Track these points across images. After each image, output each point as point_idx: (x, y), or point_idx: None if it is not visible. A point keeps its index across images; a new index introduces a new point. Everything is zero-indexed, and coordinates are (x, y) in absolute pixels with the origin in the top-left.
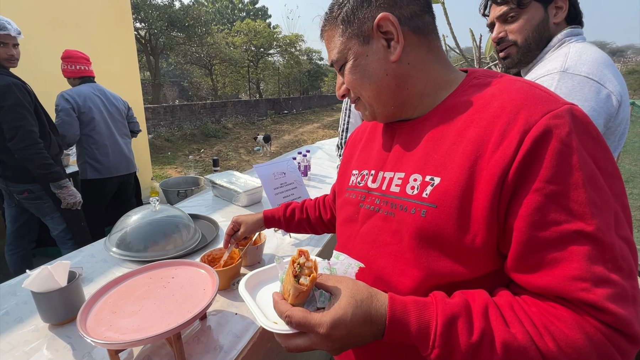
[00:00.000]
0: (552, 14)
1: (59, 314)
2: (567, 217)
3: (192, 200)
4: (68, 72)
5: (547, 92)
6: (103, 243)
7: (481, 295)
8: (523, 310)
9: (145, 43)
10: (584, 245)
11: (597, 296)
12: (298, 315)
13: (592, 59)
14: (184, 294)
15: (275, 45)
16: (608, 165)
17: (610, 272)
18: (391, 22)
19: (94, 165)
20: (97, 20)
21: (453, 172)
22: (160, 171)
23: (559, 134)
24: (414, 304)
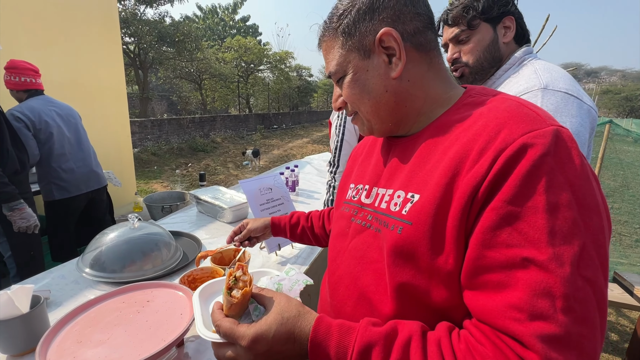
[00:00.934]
0: (501, 34)
1: (19, 344)
2: (520, 242)
3: (175, 216)
4: (11, 84)
5: (536, 112)
6: (75, 263)
7: (411, 326)
8: (450, 346)
9: (134, 57)
10: (531, 274)
11: (527, 331)
12: (225, 325)
13: (562, 75)
14: (159, 320)
15: (266, 61)
16: (587, 197)
17: (556, 311)
18: (394, 37)
19: (60, 184)
20: (84, 33)
21: (431, 190)
22: (146, 186)
23: (532, 154)
24: (338, 328)
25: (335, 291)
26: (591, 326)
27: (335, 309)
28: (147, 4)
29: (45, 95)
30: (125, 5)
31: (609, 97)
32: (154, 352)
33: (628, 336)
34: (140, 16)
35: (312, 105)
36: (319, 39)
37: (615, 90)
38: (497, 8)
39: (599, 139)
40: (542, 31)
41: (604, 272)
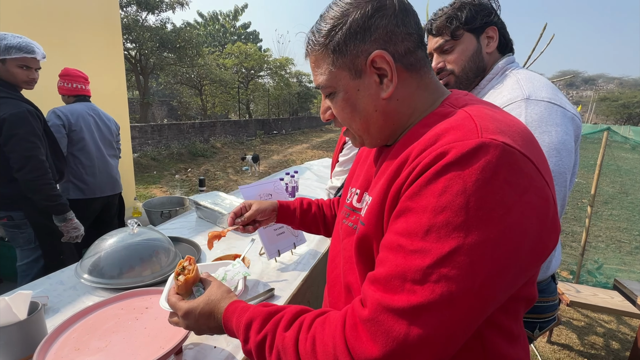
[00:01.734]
0: (485, 44)
1: (16, 352)
2: (402, 230)
3: (174, 221)
4: (64, 90)
5: (477, 124)
6: (74, 269)
7: (293, 308)
8: (311, 321)
9: (136, 63)
10: (397, 258)
11: (374, 296)
12: (171, 299)
13: (544, 84)
14: (158, 327)
15: (266, 67)
16: (482, 210)
17: (404, 291)
18: (386, 60)
19: (78, 185)
20: (86, 40)
21: (377, 192)
22: (145, 191)
23: (442, 162)
24: (240, 309)
25: (332, 289)
26: (433, 317)
27: (331, 305)
28: (149, 10)
29: (90, 102)
30: (127, 12)
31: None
32: (153, 359)
33: (629, 344)
34: (142, 22)
35: (311, 111)
36: (307, 50)
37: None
38: (480, 18)
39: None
40: (540, 40)
41: (477, 280)
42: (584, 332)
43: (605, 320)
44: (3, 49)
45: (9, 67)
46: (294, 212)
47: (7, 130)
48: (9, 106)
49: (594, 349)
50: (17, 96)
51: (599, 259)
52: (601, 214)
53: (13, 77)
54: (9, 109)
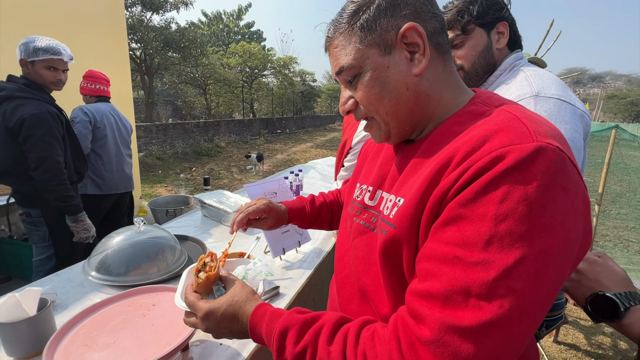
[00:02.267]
0: (495, 40)
1: (26, 347)
2: (458, 241)
3: (180, 220)
4: (87, 90)
5: (528, 127)
6: (81, 267)
7: (329, 316)
8: (356, 334)
9: (140, 63)
10: (456, 271)
11: (433, 313)
12: (190, 298)
13: (554, 82)
14: (165, 323)
15: (270, 66)
16: (544, 217)
17: (467, 307)
18: (419, 33)
19: (96, 180)
20: (91, 40)
21: (412, 194)
22: (150, 190)
23: (500, 166)
24: (270, 314)
25: (342, 289)
26: (502, 333)
27: (342, 306)
28: (154, 10)
29: (110, 104)
30: (132, 12)
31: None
32: (159, 355)
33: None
34: (146, 22)
35: (315, 110)
36: (328, 37)
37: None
38: (492, 13)
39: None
40: (547, 36)
41: (542, 290)
42: (591, 332)
43: None
44: (32, 51)
45: (37, 68)
46: (304, 216)
47: (25, 130)
48: (31, 107)
49: (601, 349)
50: (41, 97)
51: None
52: (609, 212)
53: (41, 78)
54: (30, 110)
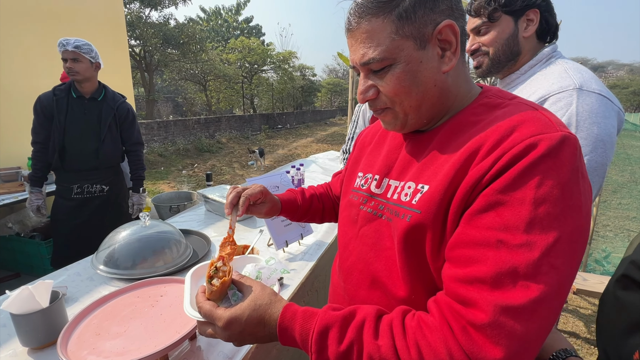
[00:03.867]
0: (522, 28)
1: (40, 337)
2: (499, 226)
3: (184, 215)
4: None
5: (549, 118)
6: (90, 261)
7: (368, 309)
8: (401, 324)
9: (140, 60)
10: (501, 254)
11: (485, 296)
12: (205, 307)
13: (592, 76)
14: (173, 313)
15: (269, 61)
16: (573, 198)
17: (516, 287)
18: (455, 32)
19: None
20: (91, 38)
21: (439, 180)
22: (153, 186)
23: (534, 153)
24: (302, 314)
25: (349, 276)
26: (547, 307)
27: (349, 293)
28: (152, 7)
29: None
30: (130, 8)
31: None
32: (169, 343)
33: None
34: (145, 19)
35: (316, 105)
36: (358, 17)
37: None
38: (522, 1)
39: None
40: None
41: (573, 264)
42: (591, 320)
43: None
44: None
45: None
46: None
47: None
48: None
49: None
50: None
51: (606, 247)
52: (610, 202)
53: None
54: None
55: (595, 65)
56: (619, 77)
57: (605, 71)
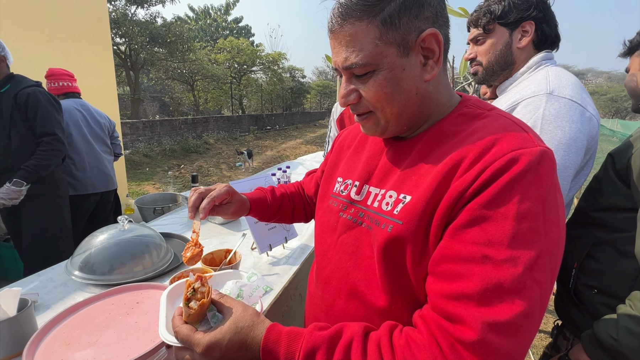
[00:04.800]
0: (517, 39)
1: (6, 348)
2: (484, 241)
3: (166, 217)
4: (52, 90)
5: (527, 132)
6: (64, 266)
7: (355, 328)
8: (389, 344)
9: (125, 58)
10: (487, 270)
11: (472, 313)
12: (183, 332)
13: (571, 83)
14: (149, 321)
15: (259, 62)
16: (552, 212)
17: (503, 302)
18: (438, 41)
19: (69, 181)
20: (73, 35)
21: (422, 192)
22: (137, 188)
23: (516, 168)
24: (287, 335)
25: (327, 285)
26: (531, 321)
27: (326, 303)
28: (138, 4)
29: (79, 99)
30: (115, 5)
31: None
32: (142, 352)
33: None
34: (131, 17)
35: (305, 107)
36: (342, 19)
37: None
38: (516, 13)
39: None
40: None
41: (553, 277)
42: None
43: None
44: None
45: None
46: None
47: None
48: None
49: None
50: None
51: None
52: None
53: None
54: None
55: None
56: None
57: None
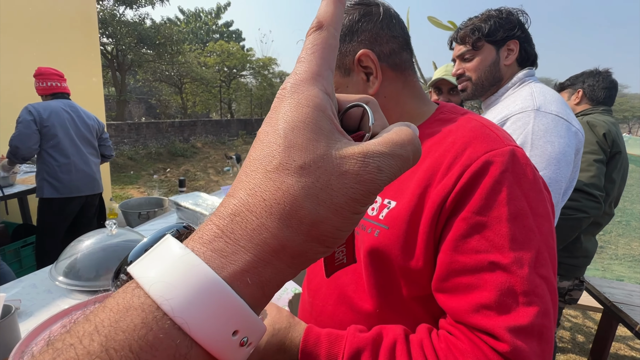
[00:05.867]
0: (504, 56)
1: None
2: (487, 247)
3: (153, 223)
4: (40, 90)
5: (496, 133)
6: (48, 271)
7: (395, 330)
8: (432, 346)
9: (112, 58)
10: (497, 276)
11: (496, 324)
12: None
13: (555, 99)
14: None
15: (249, 67)
16: (539, 207)
17: (519, 305)
18: (371, 59)
19: (53, 183)
20: (60, 33)
21: (406, 198)
22: (121, 191)
23: (493, 171)
24: (327, 337)
25: (317, 292)
26: (548, 317)
27: (316, 309)
28: (127, 5)
29: (67, 100)
30: (103, 5)
31: None
32: None
33: (592, 337)
34: (119, 17)
35: None
36: None
37: None
38: (503, 32)
39: None
40: None
41: (554, 270)
42: (576, 329)
43: (572, 315)
44: None
45: None
46: None
47: None
48: None
49: (562, 342)
50: None
51: None
52: None
53: None
54: None
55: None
56: None
57: None
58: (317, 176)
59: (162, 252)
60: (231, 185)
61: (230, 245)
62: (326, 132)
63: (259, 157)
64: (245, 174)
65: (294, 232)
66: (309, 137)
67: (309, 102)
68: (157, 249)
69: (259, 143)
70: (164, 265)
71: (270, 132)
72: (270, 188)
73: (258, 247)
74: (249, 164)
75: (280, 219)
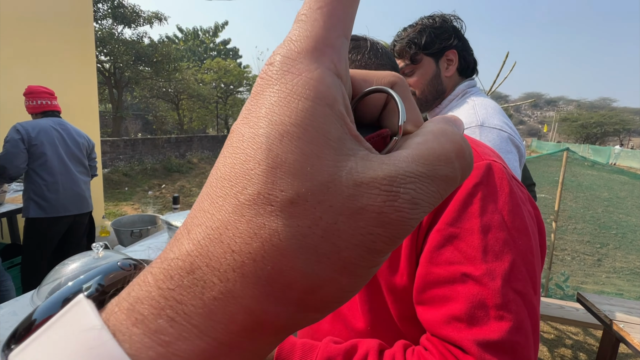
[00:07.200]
0: (444, 68)
1: None
2: (459, 259)
3: (144, 243)
4: (30, 108)
5: (474, 148)
6: (29, 298)
7: (370, 343)
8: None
9: (109, 76)
10: (469, 288)
11: (465, 336)
12: None
13: (496, 112)
14: None
15: (245, 83)
16: (516, 220)
17: (490, 319)
18: None
19: (39, 202)
20: (56, 50)
21: None
22: (115, 208)
23: (467, 184)
24: (301, 347)
25: None
26: (524, 333)
27: (313, 325)
28: (126, 24)
29: (57, 118)
30: (102, 24)
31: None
32: None
33: (595, 354)
34: (117, 36)
35: None
36: None
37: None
38: (439, 43)
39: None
40: (503, 66)
41: (534, 286)
42: (554, 344)
43: (572, 332)
44: None
45: None
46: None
47: None
48: None
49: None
50: None
51: (565, 272)
52: (566, 228)
53: None
54: None
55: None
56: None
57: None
58: (316, 217)
59: (63, 332)
60: (189, 212)
61: (176, 325)
62: (334, 141)
63: (229, 176)
64: (208, 199)
65: (278, 304)
66: (306, 152)
67: (308, 91)
68: (56, 324)
69: (230, 150)
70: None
71: (247, 137)
72: (244, 233)
73: (220, 328)
74: (214, 183)
75: (257, 284)
